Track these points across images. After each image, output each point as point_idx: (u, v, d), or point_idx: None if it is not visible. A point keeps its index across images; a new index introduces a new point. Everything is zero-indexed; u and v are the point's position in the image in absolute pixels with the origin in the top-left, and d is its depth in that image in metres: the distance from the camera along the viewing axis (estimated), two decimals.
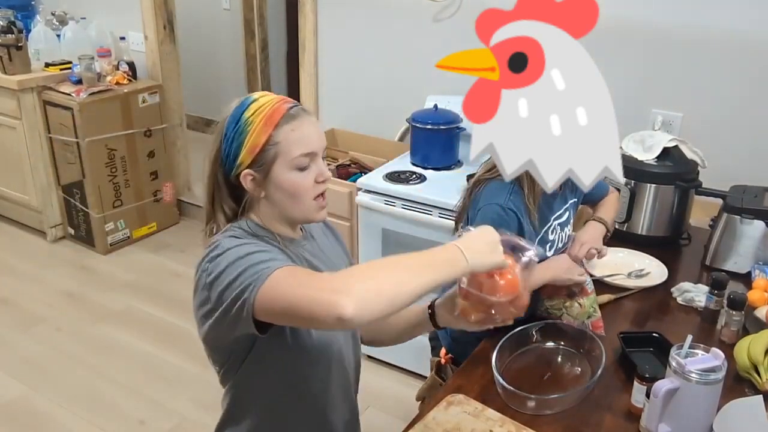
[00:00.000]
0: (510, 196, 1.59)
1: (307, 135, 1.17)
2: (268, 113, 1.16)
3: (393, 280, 1.02)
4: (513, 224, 1.59)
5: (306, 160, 1.17)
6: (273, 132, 1.15)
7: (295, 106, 1.19)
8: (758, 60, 2.33)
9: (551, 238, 1.71)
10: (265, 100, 1.18)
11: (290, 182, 1.17)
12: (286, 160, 1.16)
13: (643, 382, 1.37)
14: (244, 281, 1.05)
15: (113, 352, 2.90)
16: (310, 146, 1.17)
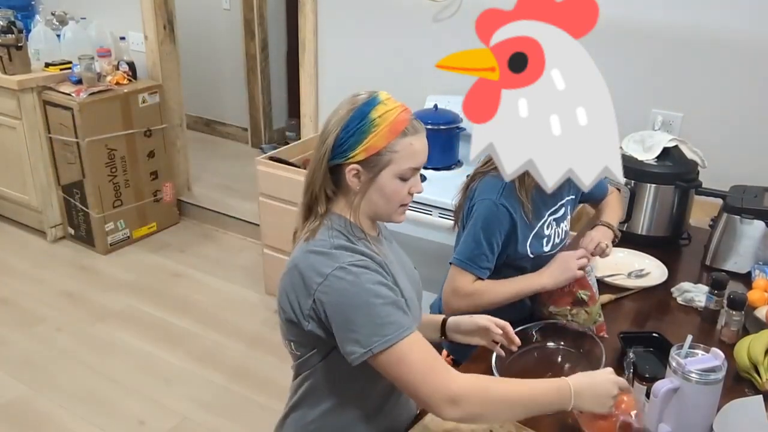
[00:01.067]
0: (503, 192, 1.60)
1: (420, 151, 1.24)
2: (393, 120, 1.21)
3: (502, 416, 1.22)
4: (505, 219, 1.60)
5: (410, 173, 1.24)
6: (394, 140, 1.21)
7: (416, 119, 1.26)
8: (758, 60, 2.33)
9: (547, 232, 1.71)
10: (392, 105, 1.24)
11: (391, 189, 1.24)
12: (396, 168, 1.23)
13: (643, 382, 1.37)
14: (365, 333, 1.14)
15: (113, 352, 2.90)
16: (419, 161, 1.24)
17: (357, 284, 1.16)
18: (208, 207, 3.97)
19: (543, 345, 1.60)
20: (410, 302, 1.28)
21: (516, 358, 1.55)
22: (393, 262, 1.33)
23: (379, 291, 1.17)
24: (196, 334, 2.99)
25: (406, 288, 1.31)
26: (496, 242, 1.61)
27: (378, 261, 1.24)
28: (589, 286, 1.65)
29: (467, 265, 1.62)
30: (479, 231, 1.60)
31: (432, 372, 1.14)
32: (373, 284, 1.17)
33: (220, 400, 2.58)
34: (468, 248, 1.62)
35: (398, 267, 1.34)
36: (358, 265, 1.18)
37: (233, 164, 4.70)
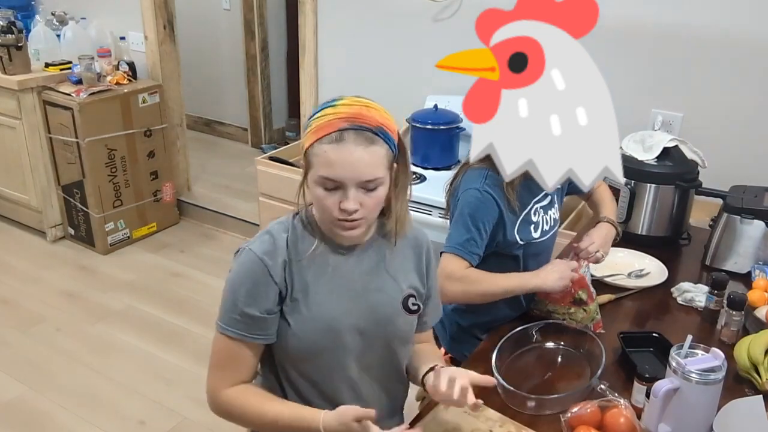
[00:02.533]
0: (486, 180, 1.62)
1: (338, 162, 1.14)
2: (322, 124, 1.16)
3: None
4: (491, 206, 1.62)
5: (329, 184, 1.17)
6: (315, 143, 1.17)
7: (355, 129, 1.15)
8: (759, 60, 2.33)
9: (534, 219, 1.72)
10: (341, 109, 1.17)
11: (315, 194, 1.20)
12: (314, 174, 1.18)
13: (643, 382, 1.37)
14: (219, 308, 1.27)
15: (113, 352, 2.90)
16: (334, 173, 1.15)
17: (234, 272, 1.25)
18: (207, 207, 3.97)
19: (543, 345, 1.60)
20: (319, 314, 1.24)
21: (516, 358, 1.55)
22: (337, 279, 1.27)
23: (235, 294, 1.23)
24: (197, 334, 2.99)
25: (327, 308, 1.25)
26: (484, 228, 1.63)
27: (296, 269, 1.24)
28: (587, 285, 1.65)
29: (457, 250, 1.63)
30: (467, 218, 1.62)
31: (216, 370, 1.31)
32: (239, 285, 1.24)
33: None
34: (457, 234, 1.64)
35: (346, 286, 1.28)
36: (264, 243, 1.24)
37: (233, 164, 4.70)
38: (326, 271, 1.27)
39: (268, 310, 1.23)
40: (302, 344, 1.26)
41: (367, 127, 1.15)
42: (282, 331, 1.26)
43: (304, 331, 1.25)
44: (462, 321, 1.79)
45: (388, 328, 1.32)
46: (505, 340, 1.54)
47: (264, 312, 1.23)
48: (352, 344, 1.29)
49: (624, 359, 1.54)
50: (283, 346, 1.28)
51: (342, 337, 1.28)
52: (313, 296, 1.25)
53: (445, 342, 1.83)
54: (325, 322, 1.26)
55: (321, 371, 1.30)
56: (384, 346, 1.34)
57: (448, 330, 1.82)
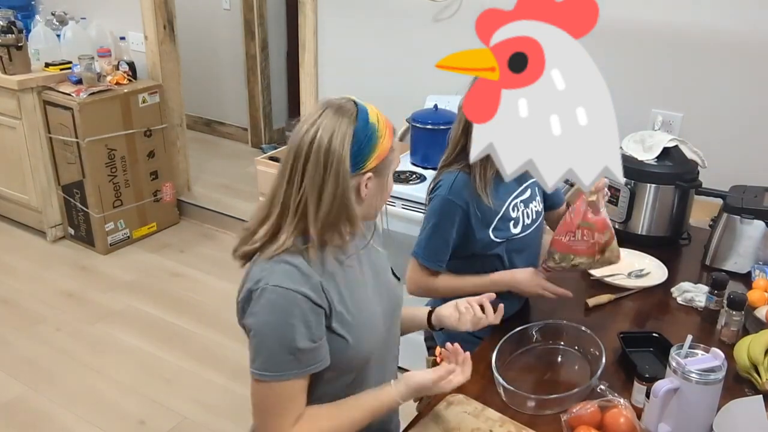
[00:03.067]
0: (452, 185, 1.65)
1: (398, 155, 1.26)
2: (387, 122, 1.22)
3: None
4: (455, 213, 1.65)
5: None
6: (395, 140, 1.24)
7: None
8: (758, 60, 2.33)
9: (514, 215, 1.73)
10: (370, 106, 1.23)
11: (391, 185, 1.28)
12: (395, 166, 1.27)
13: (643, 382, 1.37)
14: (256, 358, 1.19)
15: (113, 352, 2.90)
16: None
17: (268, 320, 1.16)
18: (208, 207, 3.97)
19: (543, 345, 1.60)
20: (363, 317, 1.25)
21: (516, 358, 1.56)
22: (356, 277, 1.28)
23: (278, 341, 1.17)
24: (196, 334, 2.99)
25: (364, 307, 1.26)
26: (448, 235, 1.67)
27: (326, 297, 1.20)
28: (608, 226, 1.56)
29: (423, 258, 1.70)
30: (431, 225, 1.68)
31: (274, 418, 1.21)
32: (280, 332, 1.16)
33: (220, 400, 2.58)
34: (424, 241, 1.70)
35: (364, 281, 1.30)
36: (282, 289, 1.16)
37: (233, 164, 4.70)
38: (346, 273, 1.26)
39: (319, 336, 1.19)
40: (359, 353, 1.25)
41: None
42: (336, 349, 1.22)
43: (358, 339, 1.24)
44: None
45: (396, 303, 1.39)
46: (505, 340, 1.54)
47: (317, 340, 1.18)
48: (383, 333, 1.33)
49: (624, 359, 1.54)
50: (336, 364, 1.23)
51: (380, 330, 1.31)
52: (350, 302, 1.24)
53: (440, 340, 1.82)
54: (369, 321, 1.28)
55: (359, 378, 1.30)
56: (394, 324, 1.39)
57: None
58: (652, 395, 1.28)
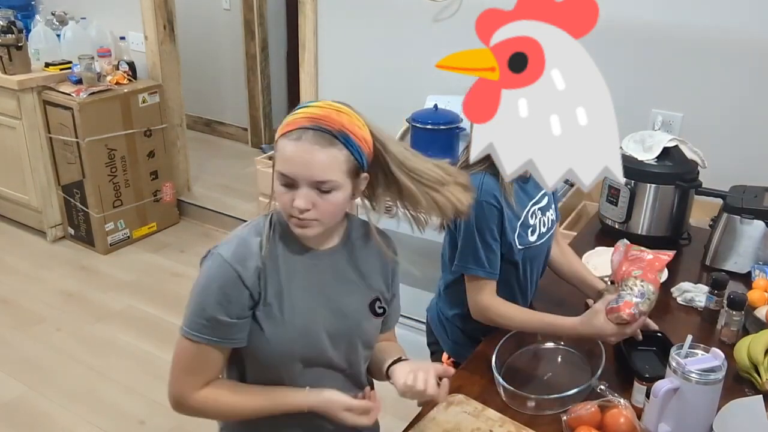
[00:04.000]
0: (482, 188, 1.57)
1: (291, 158, 1.16)
2: (290, 120, 1.19)
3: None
4: (492, 214, 1.58)
5: (284, 180, 1.18)
6: (279, 139, 1.19)
7: (316, 129, 1.16)
8: (758, 60, 2.33)
9: (532, 222, 1.69)
10: (309, 110, 1.19)
11: (275, 190, 1.21)
12: (275, 169, 1.19)
13: (643, 382, 1.37)
14: (185, 312, 1.26)
15: (113, 352, 2.90)
16: (287, 169, 1.16)
17: (204, 276, 1.23)
18: (208, 207, 3.97)
19: (543, 345, 1.60)
20: (295, 321, 1.24)
21: (516, 358, 1.55)
22: (311, 283, 1.27)
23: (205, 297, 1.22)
24: None
25: (302, 313, 1.25)
26: (493, 239, 1.58)
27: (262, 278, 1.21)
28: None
29: (477, 270, 1.58)
30: (474, 233, 1.58)
31: (182, 374, 1.32)
32: (209, 290, 1.21)
33: None
34: (470, 252, 1.58)
35: (319, 290, 1.28)
36: (230, 244, 1.23)
37: (233, 164, 4.69)
38: (299, 274, 1.26)
39: (238, 315, 1.21)
40: (275, 350, 1.24)
41: (328, 129, 1.16)
42: (254, 337, 1.24)
43: (279, 337, 1.24)
44: (463, 326, 1.77)
45: (355, 332, 1.32)
46: (505, 340, 1.54)
47: (234, 317, 1.21)
48: (322, 349, 1.29)
49: (624, 359, 1.54)
50: (253, 353, 1.26)
51: (314, 342, 1.27)
52: (287, 300, 1.24)
53: (447, 347, 1.82)
54: (301, 327, 1.25)
55: (288, 378, 1.28)
56: (350, 350, 1.33)
57: (450, 335, 1.81)
58: (652, 395, 1.27)
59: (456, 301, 1.76)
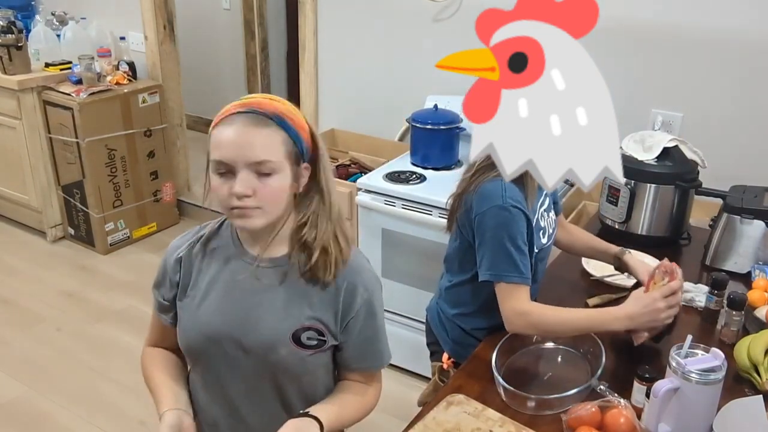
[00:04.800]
0: (506, 193, 1.54)
1: (224, 143, 1.13)
2: (220, 112, 1.19)
3: None
4: (520, 218, 1.54)
5: (221, 167, 1.15)
6: (212, 129, 1.18)
7: (247, 113, 1.14)
8: (758, 60, 2.33)
9: (543, 224, 1.70)
10: (244, 100, 1.19)
11: (212, 185, 1.19)
12: (211, 159, 1.18)
13: (643, 382, 1.37)
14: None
15: (113, 352, 2.90)
16: (221, 154, 1.14)
17: (168, 250, 1.37)
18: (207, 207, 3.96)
19: (543, 345, 1.60)
20: (197, 316, 1.28)
21: (516, 358, 1.55)
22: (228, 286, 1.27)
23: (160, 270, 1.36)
24: None
25: (206, 311, 1.27)
26: (524, 243, 1.55)
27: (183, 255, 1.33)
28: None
29: (510, 277, 1.52)
30: (504, 239, 1.52)
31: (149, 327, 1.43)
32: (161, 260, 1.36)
33: None
34: (501, 259, 1.53)
35: (233, 296, 1.26)
36: (189, 237, 1.37)
37: None
38: (224, 275, 1.28)
39: (163, 296, 1.35)
40: (183, 341, 1.32)
41: (261, 112, 1.15)
42: (177, 323, 1.34)
43: (186, 329, 1.31)
44: (464, 325, 1.77)
45: (270, 355, 1.24)
46: (505, 340, 1.54)
47: (160, 297, 1.35)
48: (235, 359, 1.27)
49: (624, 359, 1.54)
50: (179, 338, 1.34)
51: (220, 346, 1.27)
52: (204, 297, 1.28)
53: (447, 346, 1.82)
54: (201, 325, 1.28)
55: (207, 375, 1.33)
56: (270, 374, 1.27)
57: (450, 334, 1.81)
58: (652, 395, 1.27)
59: (458, 300, 1.76)
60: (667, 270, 1.57)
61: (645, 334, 1.50)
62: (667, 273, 1.56)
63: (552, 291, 1.81)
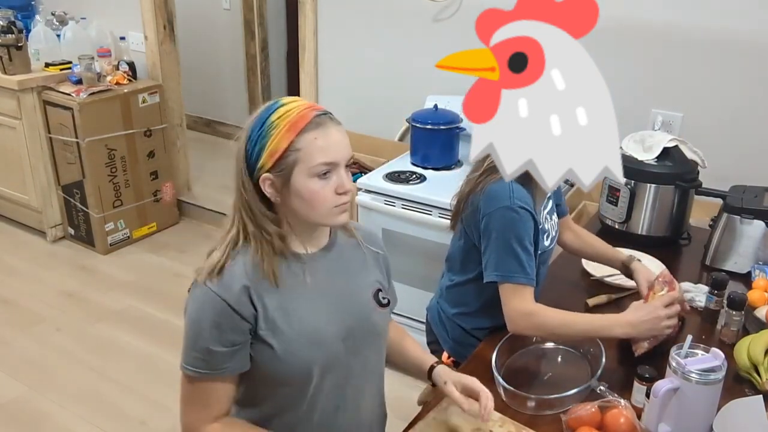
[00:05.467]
0: (513, 194, 1.54)
1: (330, 144, 1.16)
2: (293, 119, 1.15)
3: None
4: (527, 219, 1.54)
5: (326, 168, 1.16)
6: (295, 138, 1.14)
7: (323, 114, 1.18)
8: (758, 60, 2.33)
9: (547, 227, 1.70)
10: (293, 105, 1.17)
11: (308, 190, 1.16)
12: (306, 167, 1.15)
13: (643, 382, 1.37)
14: (182, 348, 1.21)
15: (113, 352, 2.90)
16: (331, 156, 1.16)
17: (193, 317, 1.19)
18: (208, 207, 3.97)
19: (543, 345, 1.60)
20: (303, 329, 1.21)
21: (516, 358, 1.56)
22: (332, 274, 1.28)
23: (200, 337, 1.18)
24: None
25: (310, 320, 1.22)
26: (530, 244, 1.55)
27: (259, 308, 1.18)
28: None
29: (516, 278, 1.53)
30: (511, 240, 1.52)
31: (189, 406, 1.25)
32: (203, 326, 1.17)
33: None
34: (507, 260, 1.53)
35: (320, 293, 1.25)
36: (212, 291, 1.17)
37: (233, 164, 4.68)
38: (299, 282, 1.23)
39: (233, 342, 1.18)
40: (291, 365, 1.20)
41: (329, 112, 1.20)
42: (264, 358, 1.20)
43: (292, 351, 1.20)
44: (465, 324, 1.77)
45: (366, 327, 1.31)
46: (505, 340, 1.54)
47: (229, 345, 1.17)
48: (337, 352, 1.26)
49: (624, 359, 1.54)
50: (267, 375, 1.22)
51: (329, 346, 1.24)
52: (295, 312, 1.21)
53: (447, 346, 1.82)
54: (311, 334, 1.22)
55: (308, 393, 1.25)
56: (366, 347, 1.32)
57: (450, 334, 1.81)
58: (652, 395, 1.28)
59: (459, 300, 1.76)
60: (666, 280, 1.58)
61: (645, 344, 1.50)
62: (666, 283, 1.57)
63: (552, 291, 1.81)
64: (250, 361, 1.21)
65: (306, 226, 1.24)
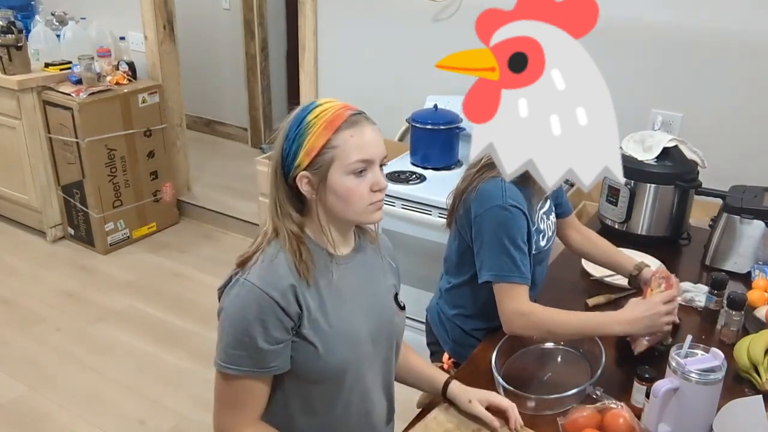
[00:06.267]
0: (506, 193, 1.54)
1: (366, 142, 1.18)
2: (329, 118, 1.17)
3: None
4: (520, 218, 1.54)
5: (362, 166, 1.18)
6: (332, 136, 1.17)
7: (358, 113, 1.20)
8: (758, 60, 2.33)
9: (542, 227, 1.69)
10: (329, 105, 1.20)
11: (344, 187, 1.18)
12: (342, 164, 1.17)
13: (643, 382, 1.37)
14: (218, 347, 1.22)
15: (113, 352, 2.90)
16: (367, 153, 1.18)
17: (235, 312, 1.19)
18: (208, 207, 3.97)
19: (543, 345, 1.60)
20: (343, 329, 1.22)
21: (516, 358, 1.55)
22: (361, 277, 1.30)
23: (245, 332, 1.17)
24: (196, 334, 2.99)
25: (346, 319, 1.23)
26: (523, 242, 1.55)
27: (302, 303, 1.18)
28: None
29: (510, 277, 1.52)
30: (503, 239, 1.52)
31: (227, 409, 1.24)
32: (247, 323, 1.16)
33: None
34: (500, 260, 1.52)
35: (352, 294, 1.27)
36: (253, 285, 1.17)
37: (233, 164, 4.69)
38: (332, 282, 1.24)
39: (278, 340, 1.17)
40: (330, 364, 1.21)
41: (363, 112, 1.22)
42: (305, 356, 1.20)
43: (332, 350, 1.21)
44: (464, 326, 1.77)
45: (390, 329, 1.34)
46: (505, 340, 1.54)
47: (274, 343, 1.17)
48: (367, 353, 1.28)
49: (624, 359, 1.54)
50: (302, 374, 1.22)
51: (362, 347, 1.26)
52: (332, 311, 1.22)
53: (447, 346, 1.82)
54: (349, 335, 1.24)
55: (337, 395, 1.26)
56: (387, 348, 1.34)
57: (450, 334, 1.81)
58: (652, 395, 1.28)
59: (458, 301, 1.76)
60: (663, 276, 1.58)
61: (645, 342, 1.49)
62: (663, 279, 1.57)
63: (552, 291, 1.81)
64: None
65: (339, 225, 1.25)
